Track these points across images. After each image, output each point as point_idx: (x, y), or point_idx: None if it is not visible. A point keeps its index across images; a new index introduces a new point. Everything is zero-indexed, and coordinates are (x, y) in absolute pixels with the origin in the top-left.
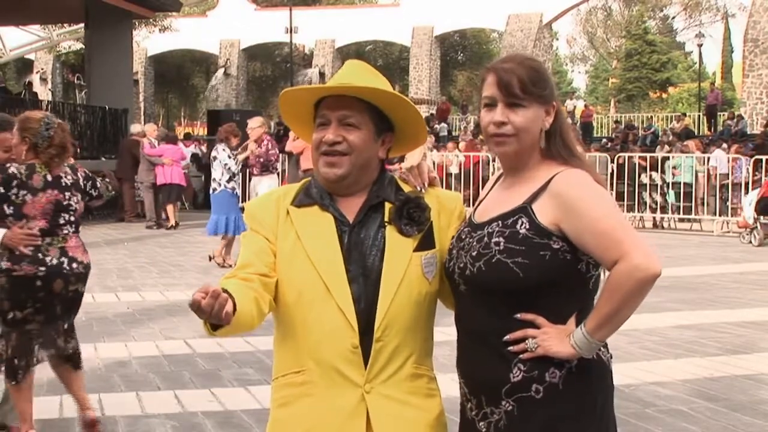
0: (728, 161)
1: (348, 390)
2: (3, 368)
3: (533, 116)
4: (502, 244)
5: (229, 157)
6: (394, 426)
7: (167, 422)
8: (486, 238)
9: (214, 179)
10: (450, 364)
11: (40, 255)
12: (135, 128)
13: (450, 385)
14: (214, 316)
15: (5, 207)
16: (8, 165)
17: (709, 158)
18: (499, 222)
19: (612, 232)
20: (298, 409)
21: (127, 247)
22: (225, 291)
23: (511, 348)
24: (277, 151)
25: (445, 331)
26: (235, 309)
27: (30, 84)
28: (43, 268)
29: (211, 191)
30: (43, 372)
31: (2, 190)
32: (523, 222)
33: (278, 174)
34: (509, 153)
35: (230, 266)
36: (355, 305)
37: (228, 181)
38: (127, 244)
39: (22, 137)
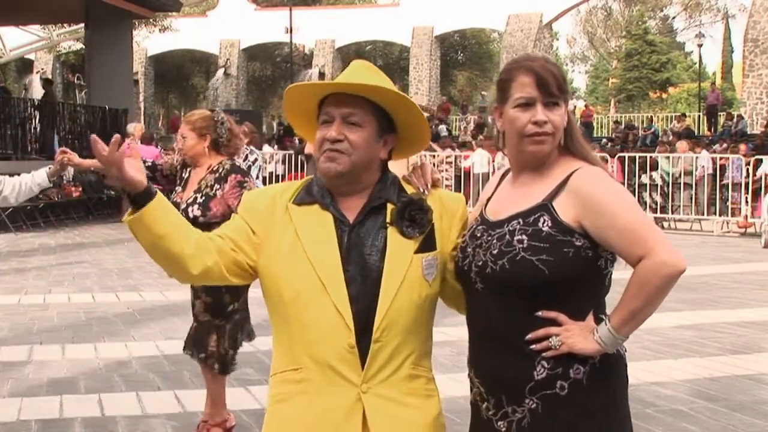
0: (715, 161)
1: (344, 389)
2: (215, 362)
3: (564, 114)
4: (525, 241)
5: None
6: (390, 426)
7: (167, 422)
8: (507, 236)
9: None
10: (450, 364)
11: None
12: (131, 128)
13: (450, 384)
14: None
15: None
16: (238, 163)
17: (697, 158)
18: (520, 219)
19: (636, 228)
20: (295, 406)
21: (127, 247)
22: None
23: (534, 346)
24: None
25: (445, 332)
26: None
27: (50, 81)
28: None
29: None
30: (44, 372)
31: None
32: (545, 219)
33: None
34: (546, 152)
35: None
36: (353, 305)
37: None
38: (127, 244)
39: (202, 135)
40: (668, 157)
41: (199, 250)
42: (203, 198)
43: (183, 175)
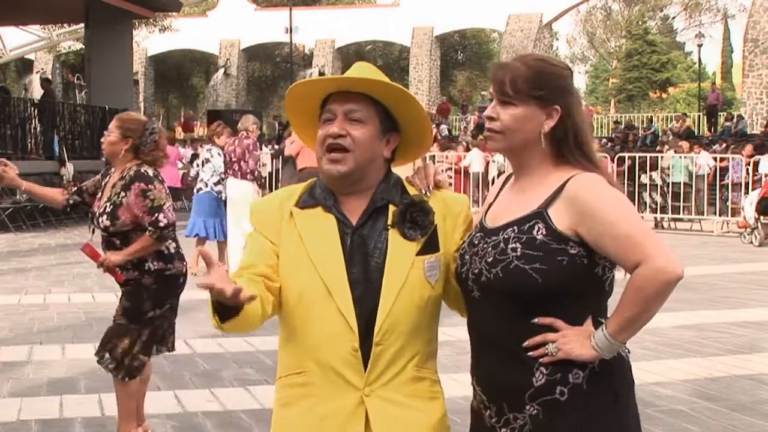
0: (716, 161)
1: (347, 393)
2: (116, 366)
3: (524, 115)
4: (519, 250)
5: (219, 155)
6: (393, 429)
7: (167, 422)
8: (502, 244)
9: (202, 179)
10: (451, 365)
11: (180, 250)
12: None
13: (452, 385)
14: (231, 297)
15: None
16: (143, 170)
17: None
18: (515, 227)
19: (632, 235)
20: (298, 409)
21: None
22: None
23: (531, 353)
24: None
25: (447, 332)
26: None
27: (49, 80)
28: (186, 263)
29: (195, 191)
30: (43, 372)
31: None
32: (539, 227)
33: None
34: (498, 149)
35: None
36: (356, 308)
37: (216, 184)
38: None
39: (125, 136)
40: (689, 157)
41: (264, 306)
42: (111, 207)
43: (104, 181)
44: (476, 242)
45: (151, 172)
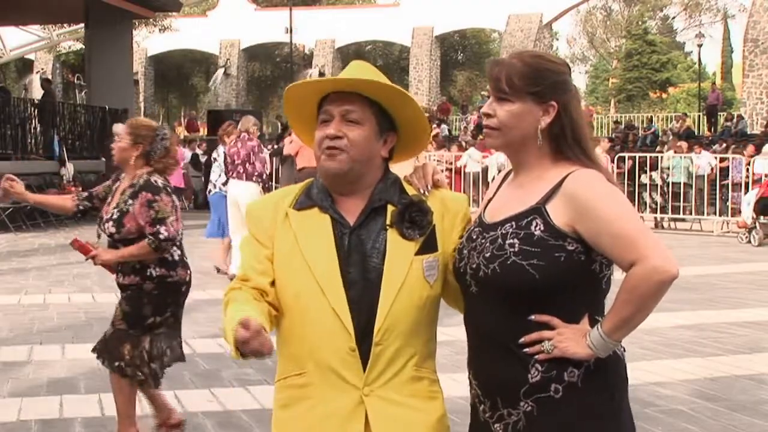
0: (715, 161)
1: (346, 392)
2: (135, 371)
3: (520, 112)
4: (516, 245)
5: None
6: (392, 428)
7: None
8: (500, 240)
9: (210, 181)
10: (450, 365)
11: (185, 258)
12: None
13: (451, 385)
14: (259, 353)
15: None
16: (153, 179)
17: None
18: (513, 223)
19: (629, 233)
20: (298, 410)
21: None
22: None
23: (526, 350)
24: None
25: (446, 332)
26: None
27: (49, 80)
28: (190, 271)
29: (207, 192)
30: (44, 372)
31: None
32: (537, 223)
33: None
34: (495, 146)
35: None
36: (354, 308)
37: (224, 184)
38: None
39: (136, 142)
40: (689, 157)
41: (271, 325)
42: (118, 214)
43: (114, 186)
44: (474, 237)
45: (160, 182)
